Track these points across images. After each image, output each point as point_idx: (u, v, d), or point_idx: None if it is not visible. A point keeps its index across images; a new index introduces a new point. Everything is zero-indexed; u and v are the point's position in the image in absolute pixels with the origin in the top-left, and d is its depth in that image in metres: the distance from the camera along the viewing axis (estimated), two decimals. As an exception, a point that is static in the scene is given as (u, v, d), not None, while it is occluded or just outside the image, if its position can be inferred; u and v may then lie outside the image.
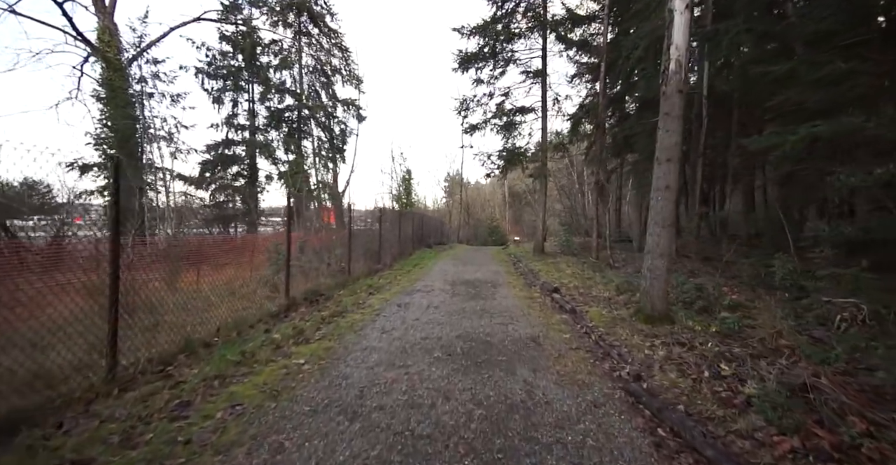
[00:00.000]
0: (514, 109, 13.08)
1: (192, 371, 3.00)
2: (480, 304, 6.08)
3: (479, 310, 5.68)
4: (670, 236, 4.45)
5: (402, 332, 4.49)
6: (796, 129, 6.74)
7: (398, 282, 8.24)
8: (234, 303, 4.93)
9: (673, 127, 4.38)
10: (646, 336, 4.10)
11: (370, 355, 3.70)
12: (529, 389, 2.97)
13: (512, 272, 10.19)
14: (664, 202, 4.45)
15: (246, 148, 18.25)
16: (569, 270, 9.72)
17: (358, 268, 9.07)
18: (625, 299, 6.06)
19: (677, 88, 4.32)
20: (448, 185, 36.47)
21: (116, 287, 2.79)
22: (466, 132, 14.06)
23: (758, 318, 4.99)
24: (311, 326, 4.52)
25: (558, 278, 8.64)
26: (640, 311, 4.68)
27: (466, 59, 13.30)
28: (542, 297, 6.73)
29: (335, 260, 8.83)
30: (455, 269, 10.64)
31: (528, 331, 4.56)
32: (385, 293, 6.93)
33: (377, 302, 6.16)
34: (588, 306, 5.75)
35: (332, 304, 5.88)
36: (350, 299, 6.24)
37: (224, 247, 9.29)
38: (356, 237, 11.31)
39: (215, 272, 6.12)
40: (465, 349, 3.90)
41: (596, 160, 11.24)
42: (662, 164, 4.47)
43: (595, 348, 3.91)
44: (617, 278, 7.82)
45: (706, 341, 3.83)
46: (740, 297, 6.15)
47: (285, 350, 3.65)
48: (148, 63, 14.77)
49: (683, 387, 2.85)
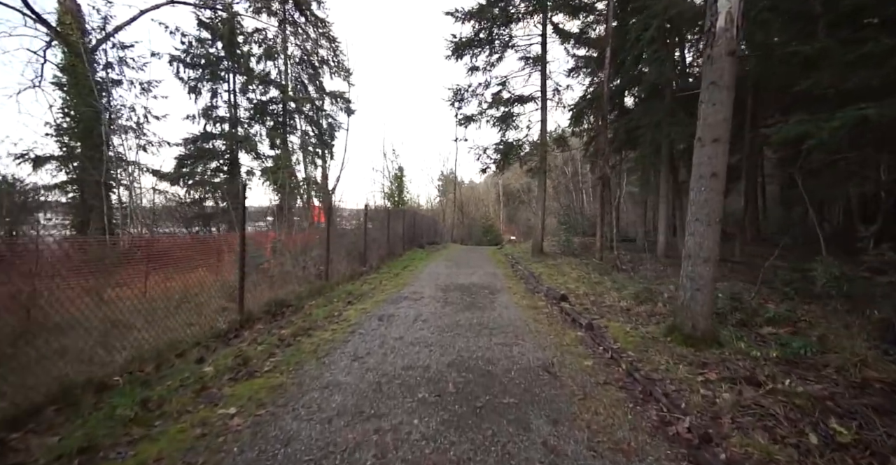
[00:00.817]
0: (513, 97, 12.12)
1: (50, 441, 2.00)
2: (477, 316, 5.14)
3: (476, 324, 4.74)
4: (716, 237, 3.54)
5: (379, 358, 3.53)
6: (832, 115, 5.91)
7: (383, 288, 7.27)
8: (170, 320, 3.93)
9: (721, 99, 3.47)
10: (692, 365, 3.19)
11: (331, 396, 2.74)
12: (553, 460, 2.03)
13: (511, 276, 9.27)
14: (709, 193, 3.54)
15: (226, 142, 17.10)
16: (573, 273, 8.82)
17: (339, 272, 8.09)
18: (647, 310, 5.15)
19: (728, 50, 3.40)
20: (442, 184, 35.56)
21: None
22: (461, 124, 13.10)
23: (812, 334, 4.13)
24: (263, 351, 3.55)
25: (563, 282, 7.73)
26: (677, 329, 3.77)
27: (461, 46, 12.33)
28: (549, 306, 5.81)
29: (313, 263, 7.83)
30: (448, 271, 9.69)
31: (539, 355, 3.63)
32: (366, 302, 5.96)
33: (355, 314, 5.19)
34: (606, 320, 4.84)
35: (299, 318, 4.90)
36: (323, 311, 5.26)
37: (190, 249, 8.29)
38: (341, 238, 10.33)
39: (173, 278, 5.14)
40: (459, 385, 2.95)
41: (599, 154, 10.36)
42: (707, 145, 3.56)
43: (630, 384, 2.99)
44: (631, 283, 6.93)
45: (774, 373, 2.92)
46: (778, 307, 5.29)
47: (214, 392, 2.67)
48: (115, 48, 13.59)
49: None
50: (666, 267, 9.57)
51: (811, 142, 6.33)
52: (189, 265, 6.06)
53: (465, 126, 12.99)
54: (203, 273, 6.14)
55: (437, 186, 36.40)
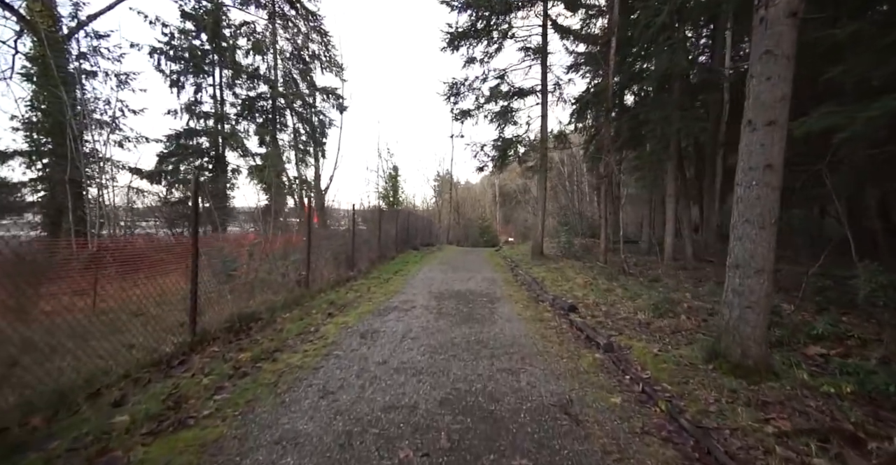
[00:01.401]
0: (512, 90, 11.43)
1: None
2: (476, 331, 4.45)
3: (474, 342, 4.05)
4: (772, 242, 2.87)
5: (354, 393, 2.82)
6: (867, 105, 5.29)
7: (371, 296, 6.56)
8: (107, 341, 3.19)
9: (778, 72, 2.81)
10: (751, 407, 2.51)
11: (281, 460, 2.03)
12: None
13: (511, 281, 8.58)
14: (762, 189, 2.87)
15: (210, 138, 16.31)
16: (578, 278, 8.15)
17: (323, 278, 7.36)
18: (669, 325, 4.48)
19: (788, 10, 2.74)
20: (438, 184, 34.82)
21: None
22: (457, 119, 12.41)
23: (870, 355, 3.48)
24: (209, 385, 2.83)
25: (569, 289, 7.06)
26: (720, 355, 3.09)
27: (457, 36, 11.64)
28: (556, 318, 5.13)
29: (294, 269, 7.09)
30: (443, 276, 9.00)
31: (553, 388, 2.94)
32: (349, 314, 5.24)
33: (334, 330, 4.47)
34: (626, 338, 4.16)
35: (266, 335, 4.17)
36: (297, 326, 4.54)
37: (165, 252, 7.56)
38: (328, 240, 9.60)
39: (141, 285, 4.40)
40: (454, 437, 2.25)
41: (604, 149, 9.72)
42: (759, 129, 2.89)
43: (677, 434, 2.30)
44: (644, 291, 6.26)
45: (862, 420, 2.25)
46: (815, 319, 4.65)
47: (116, 458, 1.94)
48: (89, 37, 12.78)
49: None
50: (676, 271, 8.94)
51: (843, 135, 5.69)
52: (161, 271, 5.34)
53: (461, 122, 12.32)
54: (176, 279, 5.41)
55: (433, 186, 35.69)
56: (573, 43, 12.18)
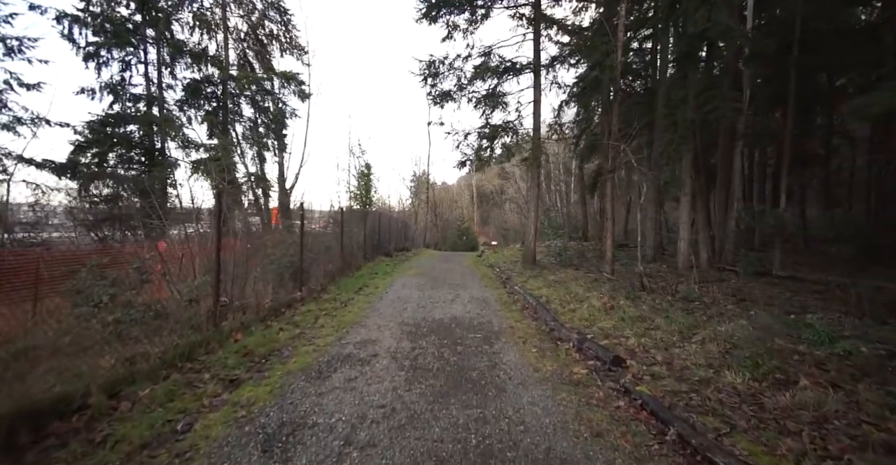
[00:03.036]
0: (502, 66, 9.55)
1: None
2: (475, 417, 2.53)
3: (473, 449, 2.13)
4: None
5: None
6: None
7: (314, 335, 4.52)
8: None
9: None
10: None
11: None
12: None
13: (507, 302, 6.72)
14: None
15: (140, 125, 13.68)
16: (592, 297, 6.36)
17: (251, 305, 5.26)
18: (792, 401, 2.70)
19: None
20: (414, 184, 32.73)
21: None
22: (436, 103, 10.45)
23: None
24: None
25: (588, 316, 5.26)
26: None
27: (436, 5, 9.73)
28: (598, 379, 3.28)
29: (207, 292, 4.95)
30: (420, 295, 7.04)
31: None
32: (263, 382, 3.20)
33: (218, 428, 2.44)
34: (746, 441, 2.34)
35: (69, 454, 2.09)
36: (149, 419, 2.48)
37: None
38: (276, 247, 7.45)
39: None
40: None
41: (612, 138, 8.05)
42: None
43: None
44: (692, 319, 4.52)
45: None
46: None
47: None
48: (-32, -9, 10.01)
49: None
50: (710, 284, 7.28)
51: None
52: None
53: (441, 105, 10.37)
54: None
55: (409, 186, 33.57)
56: (557, 32, 10.33)
